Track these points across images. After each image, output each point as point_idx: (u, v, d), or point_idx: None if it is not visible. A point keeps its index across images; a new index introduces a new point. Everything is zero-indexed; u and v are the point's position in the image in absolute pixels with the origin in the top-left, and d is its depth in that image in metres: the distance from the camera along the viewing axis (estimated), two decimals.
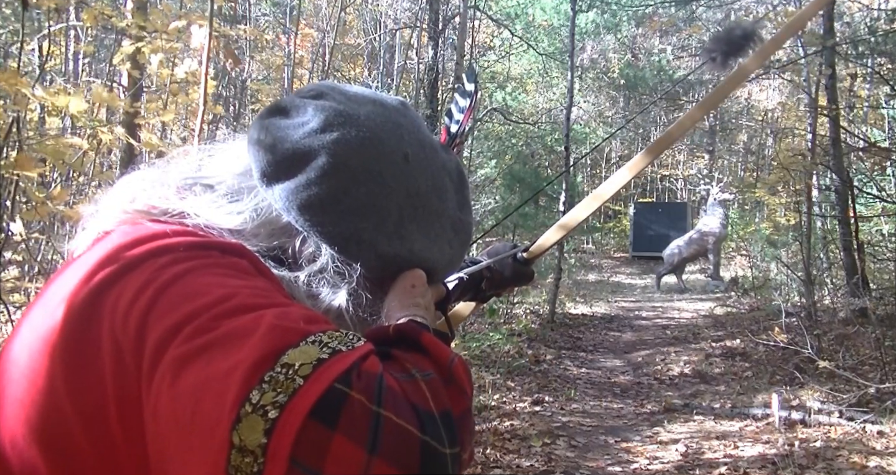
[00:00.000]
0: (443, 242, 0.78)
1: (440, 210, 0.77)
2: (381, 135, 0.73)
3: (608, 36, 17.40)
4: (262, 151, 0.72)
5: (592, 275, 15.56)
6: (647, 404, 5.94)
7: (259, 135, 0.74)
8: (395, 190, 0.73)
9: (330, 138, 0.71)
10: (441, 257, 0.78)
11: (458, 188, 0.81)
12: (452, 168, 0.81)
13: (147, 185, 0.75)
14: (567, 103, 10.56)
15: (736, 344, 7.89)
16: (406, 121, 0.78)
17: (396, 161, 0.73)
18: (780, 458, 4.34)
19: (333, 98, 0.75)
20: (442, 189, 0.78)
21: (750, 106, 22.08)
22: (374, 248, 0.72)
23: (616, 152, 24.44)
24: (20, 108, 3.31)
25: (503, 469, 4.37)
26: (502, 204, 11.62)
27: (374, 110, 0.75)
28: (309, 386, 0.51)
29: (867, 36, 8.22)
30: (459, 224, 0.80)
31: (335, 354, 0.54)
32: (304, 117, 0.73)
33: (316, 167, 0.70)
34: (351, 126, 0.72)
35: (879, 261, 8.52)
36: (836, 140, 8.39)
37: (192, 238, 0.67)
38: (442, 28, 9.23)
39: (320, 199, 0.70)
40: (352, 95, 0.77)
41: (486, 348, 7.17)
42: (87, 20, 4.27)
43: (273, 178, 0.71)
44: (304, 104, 0.75)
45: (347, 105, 0.74)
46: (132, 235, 0.68)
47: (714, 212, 13.36)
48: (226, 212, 0.72)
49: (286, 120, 0.74)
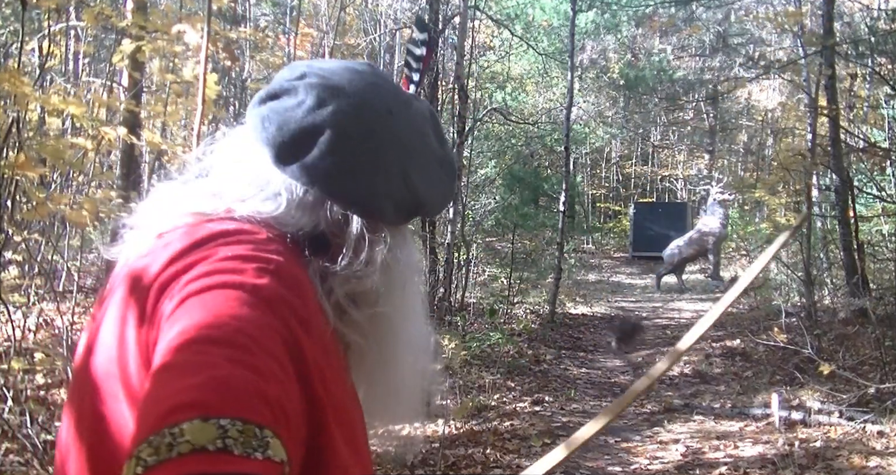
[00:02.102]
0: (436, 180, 0.86)
1: (427, 152, 0.85)
2: (366, 98, 0.81)
3: (608, 36, 17.40)
4: (270, 136, 0.78)
5: (592, 275, 15.55)
6: (647, 404, 5.94)
7: (262, 122, 0.79)
8: (391, 144, 0.81)
9: (328, 112, 0.78)
10: (438, 194, 0.86)
11: (434, 128, 0.88)
12: (425, 111, 0.88)
13: (188, 191, 0.82)
14: (567, 103, 10.56)
15: (736, 344, 7.89)
16: (380, 80, 0.85)
17: (385, 118, 0.81)
18: (780, 458, 4.34)
19: (315, 75, 0.81)
20: (423, 133, 0.85)
21: (750, 106, 22.07)
22: (391, 199, 0.80)
23: (616, 152, 24.44)
24: (20, 108, 3.31)
25: (503, 469, 4.38)
26: (502, 204, 11.61)
27: (353, 77, 0.82)
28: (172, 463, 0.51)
29: (867, 36, 8.22)
30: (444, 159, 0.88)
31: (221, 451, 0.53)
32: (298, 97, 0.79)
33: (324, 140, 0.77)
34: (341, 97, 0.79)
35: (879, 261, 8.52)
36: (836, 140, 8.39)
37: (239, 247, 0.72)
38: (442, 28, 9.23)
39: (335, 166, 0.77)
40: (328, 69, 0.83)
41: (486, 348, 7.17)
42: (87, 20, 4.27)
43: (289, 158, 0.78)
44: (293, 86, 0.81)
45: (330, 78, 0.81)
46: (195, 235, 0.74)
47: (714, 212, 13.36)
48: (262, 199, 0.78)
49: (281, 103, 0.80)
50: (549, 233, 12.17)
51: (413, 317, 0.87)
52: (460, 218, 9.23)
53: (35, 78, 4.82)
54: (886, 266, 8.42)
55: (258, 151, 0.80)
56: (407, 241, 0.86)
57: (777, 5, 13.68)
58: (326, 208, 0.79)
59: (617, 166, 24.73)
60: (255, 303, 0.65)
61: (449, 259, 8.00)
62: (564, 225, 10.39)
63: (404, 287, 0.84)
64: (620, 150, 24.50)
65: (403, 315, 0.84)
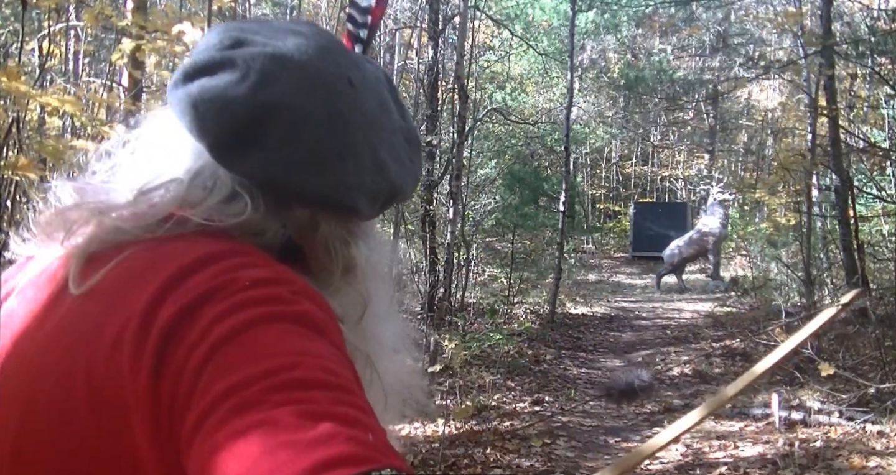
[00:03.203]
0: (405, 160, 0.72)
1: (392, 125, 0.71)
2: (321, 67, 0.65)
3: (608, 36, 17.40)
4: (206, 124, 0.61)
5: (592, 275, 15.55)
6: (647, 404, 5.94)
7: (194, 106, 0.62)
8: (356, 120, 0.66)
9: (278, 89, 0.62)
10: (410, 174, 0.72)
11: (394, 96, 0.74)
12: (382, 76, 0.74)
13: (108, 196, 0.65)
14: (567, 103, 10.56)
15: (736, 344, 7.89)
16: (330, 42, 0.69)
17: (345, 90, 0.66)
18: (780, 458, 4.34)
19: (256, 42, 0.65)
20: (385, 102, 0.72)
21: (750, 106, 22.08)
22: (364, 190, 0.66)
23: (616, 152, 24.44)
24: (20, 108, 3.31)
25: (503, 469, 4.37)
26: (502, 204, 11.61)
27: (300, 42, 0.66)
28: None
29: (867, 36, 8.22)
30: (408, 132, 0.74)
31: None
32: (237, 72, 0.62)
33: (277, 125, 0.61)
34: (291, 68, 0.63)
35: (879, 261, 8.51)
36: (836, 140, 8.39)
37: (253, 269, 0.57)
38: (442, 28, 9.22)
39: (296, 158, 0.62)
40: (269, 32, 0.67)
41: (486, 348, 7.17)
42: (87, 20, 4.27)
43: (234, 151, 0.61)
44: (228, 57, 0.63)
45: (273, 46, 0.65)
46: (178, 259, 0.57)
47: (714, 212, 13.36)
48: (218, 202, 0.63)
49: (216, 80, 0.62)
50: (549, 233, 12.17)
51: (393, 317, 0.76)
52: (460, 218, 9.23)
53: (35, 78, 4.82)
54: (886, 266, 8.41)
55: (194, 144, 0.63)
56: (377, 234, 0.74)
57: (777, 5, 13.68)
58: (292, 210, 0.65)
59: (617, 166, 24.72)
60: (310, 333, 0.54)
61: (449, 259, 8.00)
62: (564, 225, 10.39)
63: (387, 287, 0.73)
64: (620, 150, 24.49)
65: (385, 318, 0.73)
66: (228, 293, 0.54)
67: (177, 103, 0.63)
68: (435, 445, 4.62)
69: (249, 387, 0.48)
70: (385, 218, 10.50)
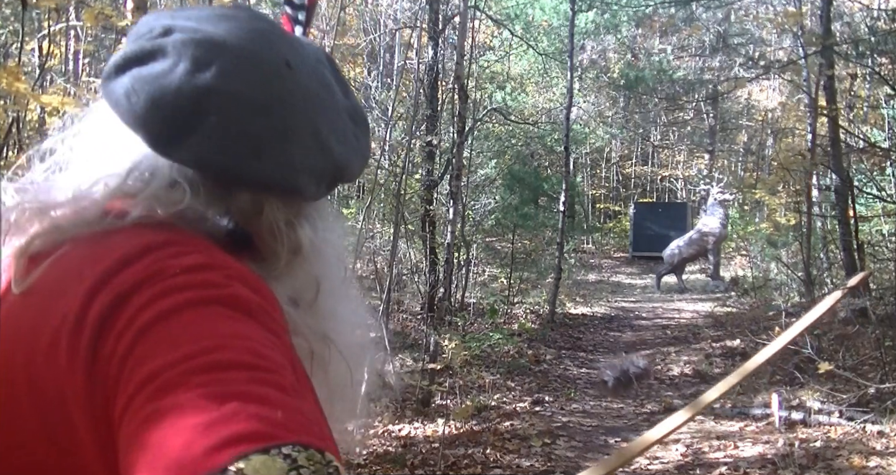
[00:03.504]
0: (350, 138, 0.71)
1: (335, 104, 0.70)
2: (255, 50, 0.64)
3: (608, 36, 17.40)
4: (141, 114, 0.61)
5: (592, 275, 15.56)
6: (647, 404, 5.94)
7: (127, 96, 0.61)
8: (296, 103, 0.65)
9: (211, 75, 0.61)
10: (356, 153, 0.72)
11: (336, 75, 0.74)
12: (322, 57, 0.73)
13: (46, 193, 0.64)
14: (567, 103, 10.56)
15: (736, 344, 7.89)
16: (266, 26, 0.69)
17: (282, 72, 0.65)
18: (780, 458, 4.34)
19: (185, 29, 0.64)
20: (327, 82, 0.71)
21: (750, 106, 22.08)
22: (308, 170, 0.66)
23: (616, 152, 24.44)
24: (20, 108, 3.31)
25: (503, 469, 4.38)
26: (502, 204, 11.61)
27: (232, 26, 0.65)
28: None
29: (867, 36, 8.22)
30: (353, 111, 0.73)
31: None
32: (168, 60, 0.62)
33: (212, 112, 0.61)
34: (223, 53, 0.63)
35: (879, 261, 8.51)
36: (836, 140, 8.40)
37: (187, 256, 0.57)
38: (442, 28, 9.22)
39: (234, 143, 0.61)
40: (199, 18, 0.66)
41: (486, 348, 7.17)
42: (87, 20, 4.27)
43: (171, 139, 0.61)
44: (158, 45, 0.63)
45: (203, 31, 0.64)
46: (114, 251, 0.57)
47: (714, 212, 13.36)
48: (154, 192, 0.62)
49: (148, 69, 0.62)
50: (549, 233, 12.17)
51: (350, 301, 0.75)
52: (460, 218, 9.23)
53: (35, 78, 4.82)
54: (886, 266, 8.41)
55: (130, 134, 0.63)
56: (328, 215, 0.73)
57: (777, 5, 13.69)
58: (234, 195, 0.64)
59: (617, 166, 24.72)
60: (239, 316, 0.54)
61: (449, 259, 7.99)
62: (564, 225, 10.39)
63: (340, 269, 0.73)
64: (620, 150, 24.48)
65: (341, 301, 0.72)
66: (158, 280, 0.54)
67: (110, 96, 0.63)
68: (435, 445, 4.62)
69: (170, 370, 0.48)
70: (385, 218, 10.50)
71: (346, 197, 15.09)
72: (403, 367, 6.61)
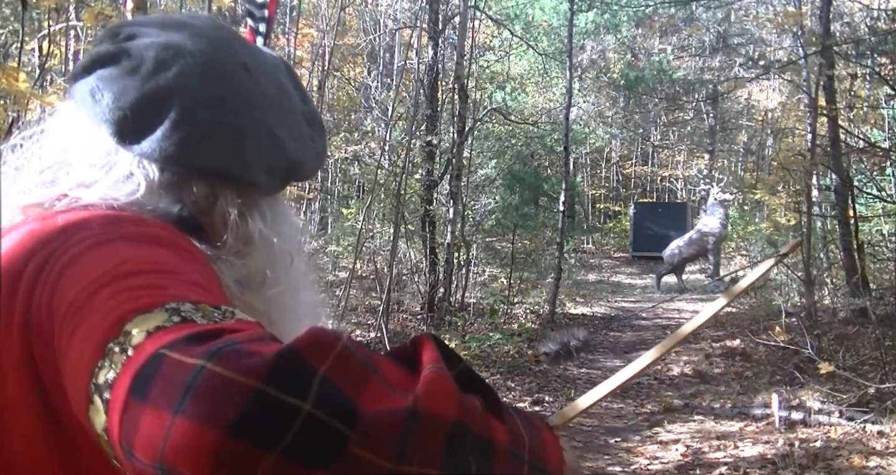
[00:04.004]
0: (306, 139, 0.77)
1: (291, 108, 0.76)
2: (214, 54, 0.70)
3: (608, 36, 17.40)
4: (106, 110, 0.66)
5: (592, 275, 15.55)
6: (647, 404, 5.94)
7: (92, 95, 0.67)
8: (253, 103, 0.71)
9: (172, 75, 0.67)
10: (311, 153, 0.77)
11: (294, 82, 0.79)
12: (280, 64, 0.79)
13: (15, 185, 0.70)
14: (566, 103, 10.56)
15: (736, 344, 7.89)
16: (226, 34, 0.75)
17: (240, 75, 0.71)
18: (780, 458, 4.34)
19: (148, 33, 0.70)
20: (283, 87, 0.76)
21: (750, 106, 22.08)
22: (262, 165, 0.70)
23: (616, 152, 24.44)
24: (20, 108, 3.31)
25: None
26: (502, 204, 11.61)
27: (193, 32, 0.71)
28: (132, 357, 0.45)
29: (867, 36, 8.22)
30: (310, 115, 0.79)
31: (183, 323, 0.47)
32: (133, 61, 0.68)
33: (173, 108, 0.66)
34: (184, 56, 0.68)
35: (879, 261, 8.52)
36: (836, 140, 8.40)
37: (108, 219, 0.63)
38: (442, 28, 9.23)
39: (192, 137, 0.67)
40: (163, 25, 0.72)
41: (486, 348, 7.17)
42: (87, 20, 4.27)
43: (134, 134, 0.66)
44: (124, 49, 0.69)
45: (167, 36, 0.70)
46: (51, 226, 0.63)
47: (714, 212, 13.36)
48: (112, 182, 0.67)
49: (112, 69, 0.68)
50: (549, 233, 12.17)
51: (304, 292, 0.79)
52: (460, 218, 9.23)
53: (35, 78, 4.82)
54: (886, 266, 8.42)
55: (94, 130, 0.68)
56: (285, 210, 0.78)
57: (777, 5, 13.69)
58: (191, 186, 0.69)
59: (617, 166, 24.71)
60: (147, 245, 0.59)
61: (449, 259, 8.00)
62: (564, 225, 10.39)
63: (291, 262, 0.76)
64: (620, 150, 24.48)
65: (294, 292, 0.76)
66: (80, 231, 0.60)
67: (77, 94, 0.69)
68: None
69: (83, 292, 0.53)
70: (385, 218, 10.50)
71: (346, 197, 15.11)
72: None
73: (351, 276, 6.12)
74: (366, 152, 12.54)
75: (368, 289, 9.82)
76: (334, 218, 13.43)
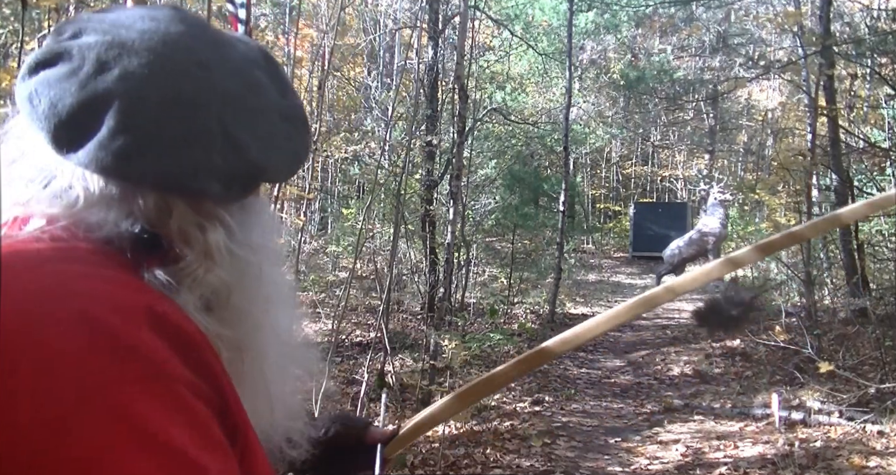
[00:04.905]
0: (280, 138, 0.70)
1: (261, 105, 0.69)
2: (164, 52, 0.64)
3: (608, 36, 17.40)
4: (43, 116, 0.61)
5: (592, 275, 15.56)
6: (647, 404, 5.94)
7: (30, 99, 0.62)
8: (206, 103, 0.64)
9: (112, 77, 0.61)
10: (283, 154, 0.70)
11: (273, 75, 0.73)
12: (258, 57, 0.72)
13: None
14: (566, 103, 10.56)
15: (736, 344, 7.89)
16: (187, 26, 0.68)
17: (193, 73, 0.64)
18: (780, 458, 4.34)
19: (95, 30, 0.65)
20: (255, 83, 0.69)
21: (750, 106, 22.08)
22: (215, 172, 0.64)
23: (616, 152, 24.45)
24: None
25: (503, 469, 4.37)
26: (502, 204, 11.62)
27: (146, 28, 0.65)
28: None
29: (867, 36, 8.22)
30: (288, 111, 0.72)
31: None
32: (72, 63, 0.62)
33: (112, 114, 0.61)
34: (129, 55, 0.63)
35: (879, 261, 8.52)
36: (836, 140, 8.40)
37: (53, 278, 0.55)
38: (442, 28, 9.23)
39: (134, 145, 0.61)
40: (115, 20, 0.66)
41: (486, 348, 7.17)
42: None
43: (71, 142, 0.61)
44: (66, 48, 0.63)
45: (114, 33, 0.64)
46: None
47: (714, 212, 13.37)
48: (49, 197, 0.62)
49: (53, 72, 0.63)
50: (549, 233, 12.18)
51: (277, 307, 0.73)
52: (460, 218, 9.22)
53: None
54: (886, 266, 8.42)
55: (34, 138, 0.63)
56: (255, 218, 0.71)
57: (777, 5, 13.69)
58: (137, 198, 0.63)
59: (617, 166, 24.72)
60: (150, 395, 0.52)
61: (449, 259, 7.99)
62: (564, 225, 10.39)
63: (260, 274, 0.70)
64: (620, 150, 24.49)
65: (264, 307, 0.70)
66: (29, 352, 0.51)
67: (18, 98, 0.63)
68: (435, 445, 4.62)
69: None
70: (385, 218, 10.50)
71: (346, 197, 15.11)
72: (403, 367, 6.61)
73: (351, 276, 6.11)
74: (366, 152, 12.55)
75: (368, 289, 9.83)
76: (334, 218, 13.44)
